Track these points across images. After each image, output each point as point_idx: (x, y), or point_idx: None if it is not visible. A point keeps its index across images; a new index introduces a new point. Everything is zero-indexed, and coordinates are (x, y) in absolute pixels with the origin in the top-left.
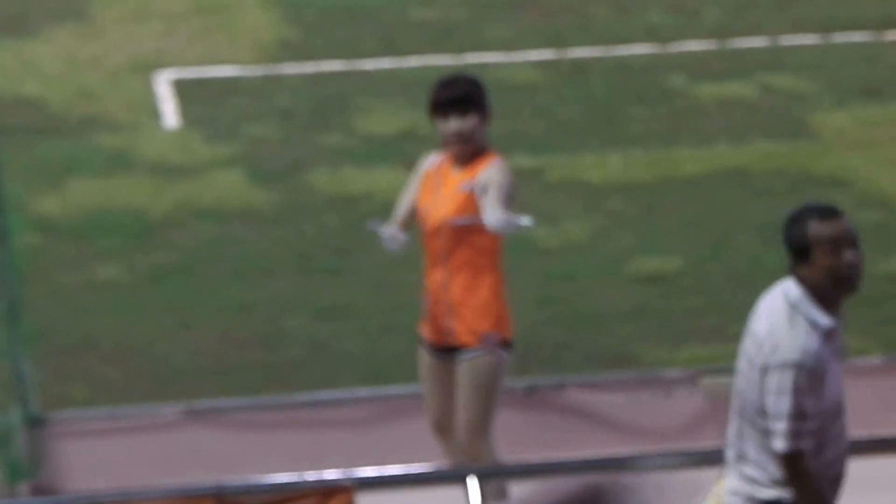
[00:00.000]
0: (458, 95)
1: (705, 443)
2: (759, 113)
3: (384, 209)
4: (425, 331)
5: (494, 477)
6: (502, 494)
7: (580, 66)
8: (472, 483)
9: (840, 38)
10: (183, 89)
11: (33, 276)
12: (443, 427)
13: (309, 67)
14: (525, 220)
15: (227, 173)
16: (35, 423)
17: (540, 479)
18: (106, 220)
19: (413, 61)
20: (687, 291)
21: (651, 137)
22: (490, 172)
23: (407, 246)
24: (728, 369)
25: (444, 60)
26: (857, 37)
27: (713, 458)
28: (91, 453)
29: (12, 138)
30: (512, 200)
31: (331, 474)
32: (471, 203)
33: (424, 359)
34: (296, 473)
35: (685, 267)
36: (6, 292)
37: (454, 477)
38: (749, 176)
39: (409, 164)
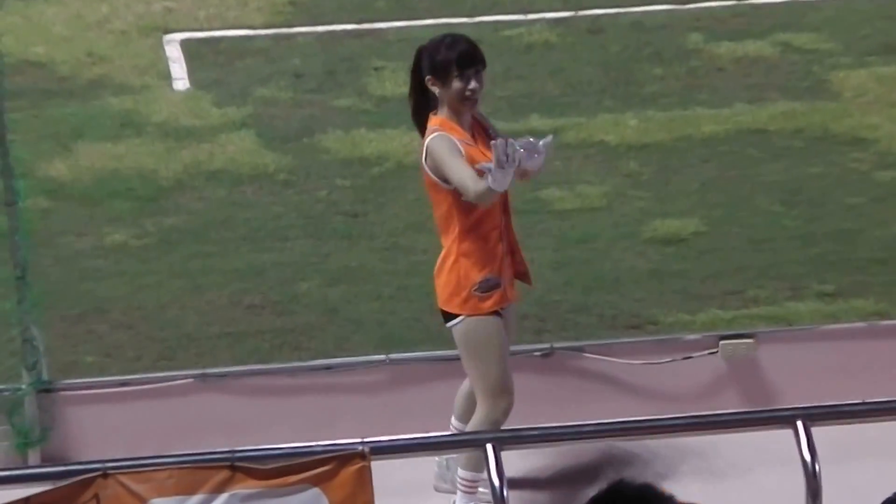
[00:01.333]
0: (478, 51)
1: (724, 406)
2: (777, 72)
3: (397, 172)
4: (500, 300)
5: (513, 443)
6: (478, 468)
7: (596, 25)
8: (491, 449)
9: None
10: (192, 51)
11: (42, 240)
12: (513, 396)
13: (320, 28)
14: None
15: (237, 136)
16: (45, 389)
17: (557, 444)
18: (115, 184)
19: (426, 22)
20: (705, 254)
21: (668, 97)
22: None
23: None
24: (748, 333)
25: (458, 21)
26: None
27: (729, 422)
28: (102, 420)
29: (19, 101)
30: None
31: (345, 440)
32: None
33: (501, 329)
34: (310, 440)
35: (703, 229)
36: (15, 258)
37: (472, 443)
38: (768, 136)
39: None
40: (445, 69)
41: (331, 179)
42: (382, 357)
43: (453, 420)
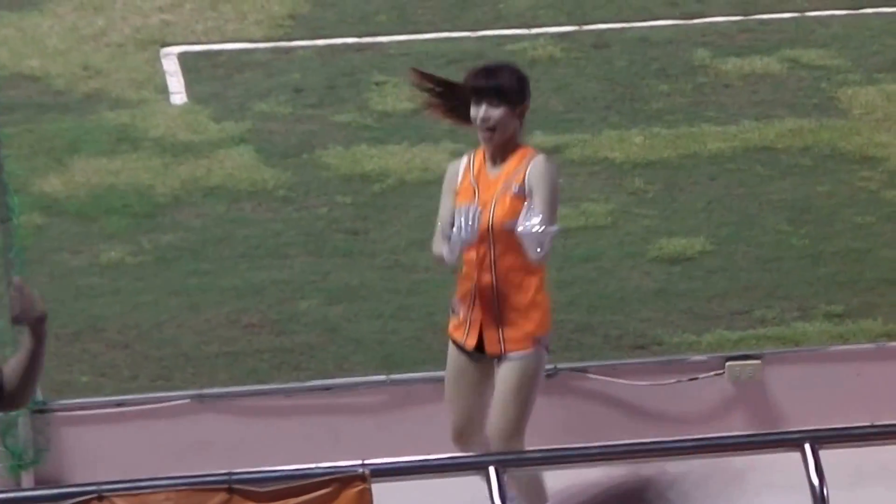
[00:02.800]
0: (496, 84)
1: (731, 429)
2: (785, 88)
3: (399, 188)
4: (459, 335)
5: (516, 466)
6: (542, 497)
7: (601, 39)
8: (493, 472)
9: (869, 10)
10: (190, 64)
11: (35, 257)
12: (466, 434)
13: (320, 42)
14: (554, 229)
15: (236, 151)
16: (39, 410)
17: (563, 467)
18: (111, 200)
19: (428, 36)
20: (711, 273)
21: (674, 114)
22: (535, 172)
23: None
24: (755, 354)
25: (461, 35)
26: (887, 10)
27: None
28: (96, 441)
29: (14, 115)
30: (557, 204)
31: (345, 462)
32: (521, 205)
33: (458, 362)
34: (309, 462)
35: (709, 247)
36: (8, 275)
37: (475, 466)
38: (775, 153)
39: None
40: (469, 94)
41: (331, 196)
42: (383, 377)
43: None
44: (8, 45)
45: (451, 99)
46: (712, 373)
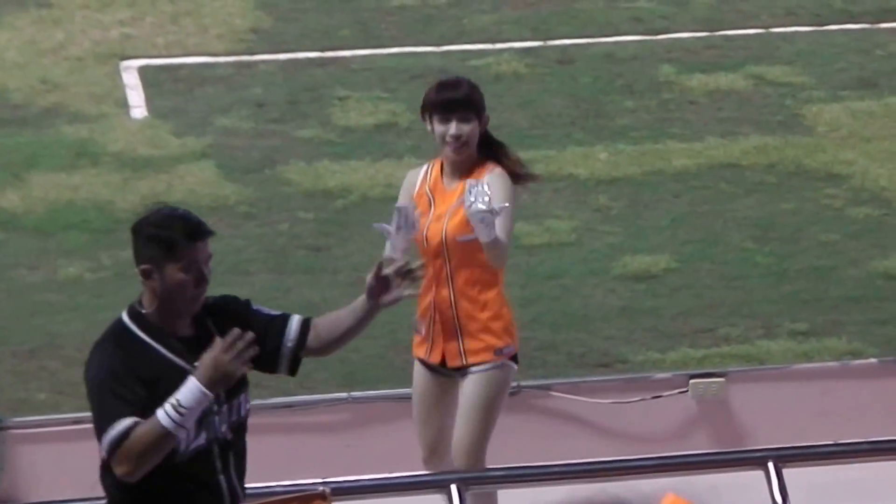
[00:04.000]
0: (461, 97)
1: (694, 447)
2: (750, 105)
3: (362, 205)
4: (422, 352)
5: (478, 484)
6: None
7: (566, 55)
8: (455, 491)
9: (834, 27)
10: (151, 79)
11: None
12: (436, 452)
13: (283, 56)
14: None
15: (197, 166)
16: None
17: (526, 485)
18: (70, 216)
19: (392, 51)
20: (676, 291)
21: (639, 130)
22: (496, 188)
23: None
24: (719, 372)
25: (425, 50)
26: (852, 26)
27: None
28: (54, 459)
29: None
30: (511, 215)
31: (306, 481)
32: None
33: (424, 380)
34: (270, 480)
35: (674, 265)
36: None
37: (436, 484)
38: (740, 170)
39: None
40: (427, 111)
41: (293, 212)
42: (345, 395)
43: None
44: None
45: None
46: (676, 391)
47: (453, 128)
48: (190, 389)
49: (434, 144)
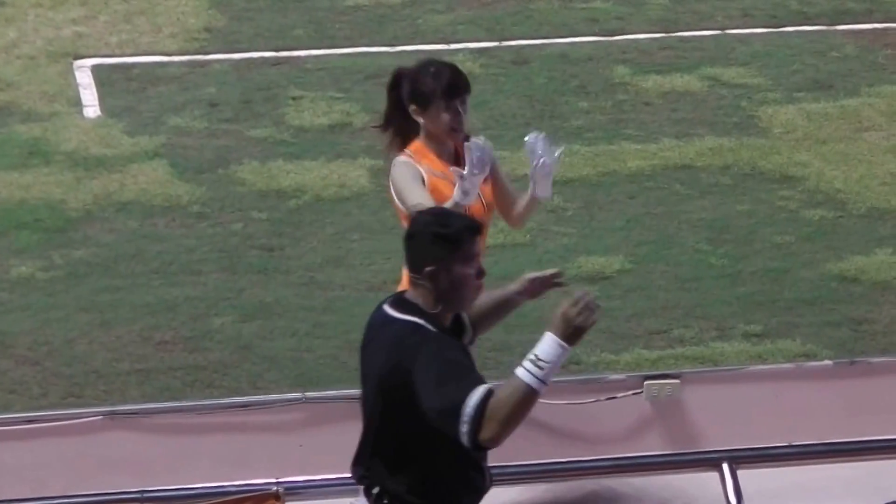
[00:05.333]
0: (464, 80)
1: (649, 448)
2: (705, 107)
3: (315, 205)
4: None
5: None
6: None
7: (520, 56)
8: None
9: (789, 29)
10: (103, 77)
11: None
12: None
13: (236, 56)
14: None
15: (149, 166)
16: None
17: None
18: (21, 215)
19: (346, 51)
20: (630, 292)
21: (593, 131)
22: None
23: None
24: (674, 374)
25: (379, 50)
26: (807, 28)
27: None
28: (5, 458)
29: None
30: None
31: (259, 480)
32: (487, 187)
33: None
34: (223, 480)
35: (628, 266)
36: None
37: None
38: (695, 172)
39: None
40: (429, 99)
41: (246, 212)
42: (299, 395)
43: None
44: None
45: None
46: (630, 392)
47: (458, 113)
48: (548, 343)
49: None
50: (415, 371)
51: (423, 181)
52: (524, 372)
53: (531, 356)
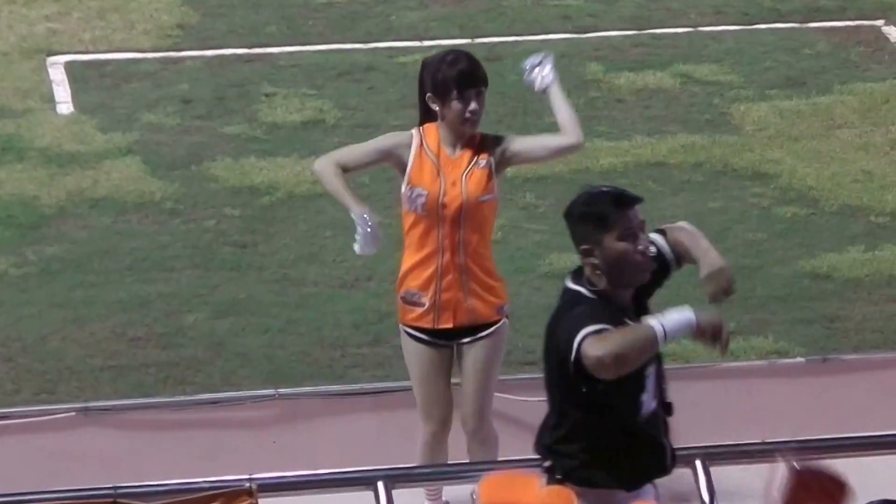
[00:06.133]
0: (481, 72)
1: None
2: (678, 104)
3: (288, 201)
4: (427, 321)
5: (405, 481)
6: None
7: (493, 53)
8: (382, 487)
9: (762, 26)
10: (77, 74)
11: None
12: (446, 424)
13: (209, 53)
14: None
15: (123, 163)
16: None
17: (452, 483)
18: None
19: (319, 47)
20: None
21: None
22: (505, 141)
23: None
24: None
25: (352, 47)
26: (780, 25)
27: None
28: None
29: None
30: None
31: (232, 476)
32: (489, 179)
33: (426, 355)
34: (195, 476)
35: None
36: None
37: (363, 481)
38: (667, 169)
39: None
40: (445, 88)
41: (219, 209)
42: (271, 392)
43: None
44: None
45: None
46: None
47: (473, 103)
48: (680, 311)
49: (363, 139)
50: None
51: (378, 149)
52: (654, 321)
53: (661, 315)
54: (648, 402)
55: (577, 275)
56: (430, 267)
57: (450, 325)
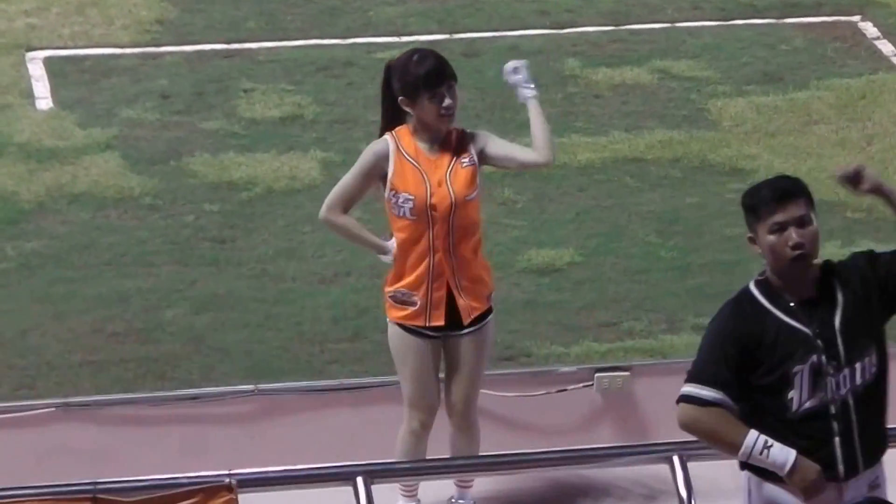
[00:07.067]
0: (448, 68)
1: (600, 440)
2: (655, 99)
3: (267, 197)
4: (420, 320)
5: (384, 476)
6: None
7: (471, 48)
8: (361, 483)
9: (739, 22)
10: (56, 69)
11: None
12: (432, 413)
13: (188, 48)
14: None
15: (102, 158)
16: None
17: (430, 478)
18: None
19: (298, 43)
20: (580, 284)
21: None
22: (484, 141)
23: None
24: (624, 366)
25: (331, 42)
26: (757, 21)
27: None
28: None
29: None
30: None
31: (212, 472)
32: (475, 177)
33: (418, 349)
34: (175, 471)
35: (578, 259)
36: None
37: (343, 476)
38: (645, 164)
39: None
40: (416, 89)
41: (198, 204)
42: (251, 387)
43: None
44: None
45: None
46: (581, 384)
47: (447, 99)
48: (784, 452)
49: (342, 135)
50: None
51: (363, 174)
52: (749, 439)
53: (768, 440)
54: (801, 400)
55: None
56: (422, 267)
57: (441, 323)
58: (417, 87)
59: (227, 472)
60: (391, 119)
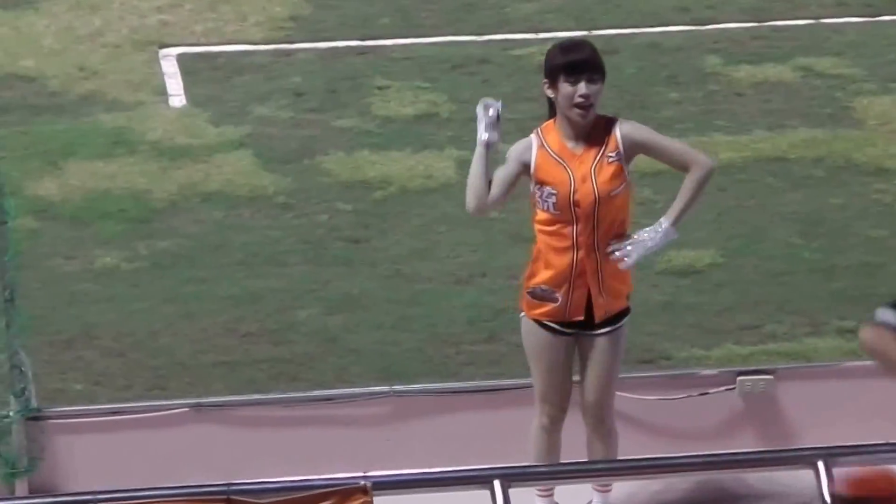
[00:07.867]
0: (589, 58)
1: (742, 445)
2: (798, 97)
3: (401, 196)
4: (560, 315)
5: (521, 480)
6: None
7: (610, 45)
8: (498, 486)
9: (885, 18)
10: (188, 66)
11: (29, 262)
12: (563, 409)
13: (322, 45)
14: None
15: (234, 156)
16: (33, 417)
17: (569, 482)
18: (106, 205)
19: (432, 39)
20: (721, 286)
21: (684, 122)
22: (634, 134)
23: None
24: (767, 370)
25: (466, 39)
26: None
27: (747, 461)
28: (91, 450)
29: (7, 116)
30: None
31: (346, 474)
32: (620, 172)
33: (551, 345)
34: (309, 473)
35: (719, 260)
36: (3, 279)
37: (479, 480)
38: (788, 164)
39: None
40: (554, 74)
41: (331, 203)
42: (386, 389)
43: None
44: (2, 44)
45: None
46: (723, 388)
47: (583, 88)
48: None
49: (473, 133)
50: None
51: (513, 167)
52: None
53: None
54: None
55: None
56: (565, 263)
57: (581, 318)
58: (557, 70)
59: (362, 473)
60: (551, 113)
